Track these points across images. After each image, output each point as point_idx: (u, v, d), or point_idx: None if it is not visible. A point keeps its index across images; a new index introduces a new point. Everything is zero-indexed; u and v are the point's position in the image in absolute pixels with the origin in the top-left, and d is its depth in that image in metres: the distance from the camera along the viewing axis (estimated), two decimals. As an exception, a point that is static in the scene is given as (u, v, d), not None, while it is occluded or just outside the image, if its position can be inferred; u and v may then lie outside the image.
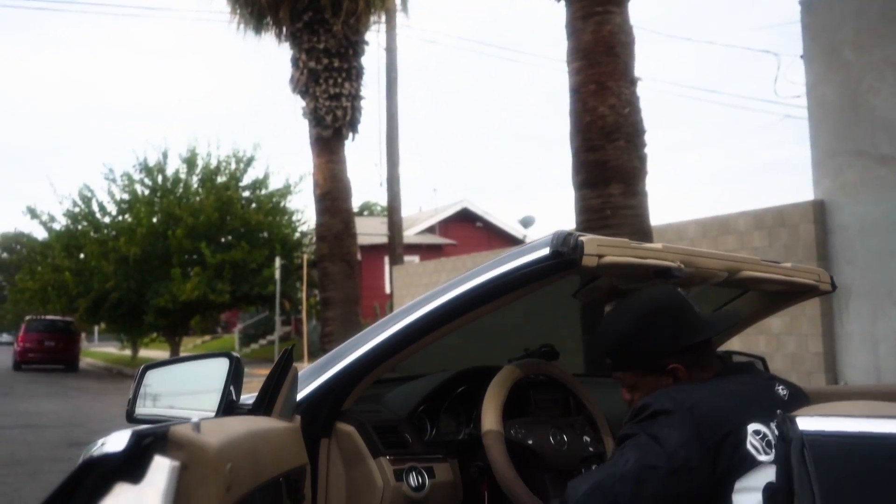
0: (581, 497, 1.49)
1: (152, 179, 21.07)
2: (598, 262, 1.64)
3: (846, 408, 1.31)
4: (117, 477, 0.97)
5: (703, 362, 1.68)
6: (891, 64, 7.90)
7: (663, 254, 1.82)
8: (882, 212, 7.96)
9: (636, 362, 1.71)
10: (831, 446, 1.11)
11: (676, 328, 1.68)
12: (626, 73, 7.10)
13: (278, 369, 1.67)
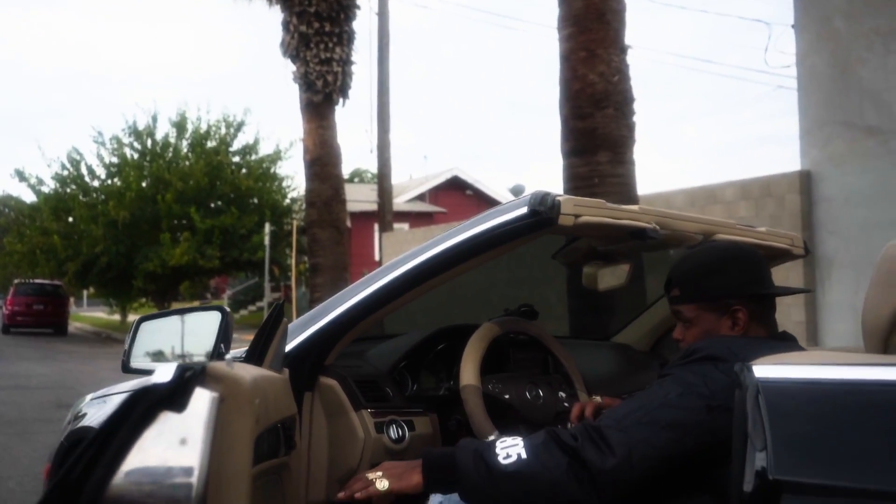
0: (622, 416, 1.54)
1: (142, 143, 20.98)
2: (575, 221, 1.69)
3: (800, 357, 1.36)
4: (163, 406, 1.05)
5: (764, 318, 1.73)
6: (880, 34, 7.92)
7: (639, 215, 1.87)
8: (867, 183, 8.03)
9: (705, 295, 1.74)
10: (784, 391, 1.16)
11: (753, 275, 1.74)
12: (616, 40, 7.08)
13: (269, 322, 1.72)
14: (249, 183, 20.35)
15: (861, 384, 1.14)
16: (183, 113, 21.04)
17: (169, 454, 1.04)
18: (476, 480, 1.56)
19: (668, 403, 1.52)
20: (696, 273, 1.76)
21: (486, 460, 1.56)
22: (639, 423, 1.51)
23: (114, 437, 1.01)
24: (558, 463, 1.51)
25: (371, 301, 1.91)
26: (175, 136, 21.05)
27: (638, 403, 1.57)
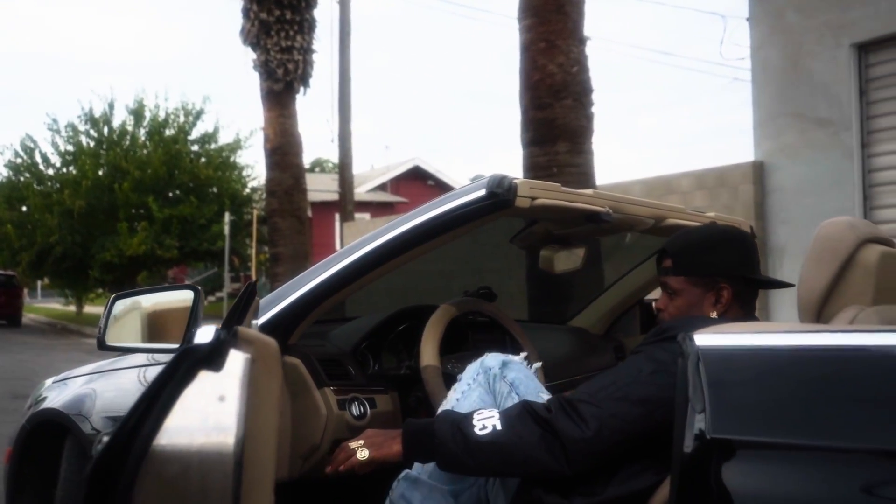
0: (595, 390, 1.61)
1: (98, 131, 20.60)
2: (531, 203, 1.75)
3: (737, 327, 1.45)
4: (203, 366, 1.14)
5: (744, 301, 1.81)
6: (831, 28, 8.13)
7: (593, 199, 1.94)
8: (817, 173, 8.25)
9: (696, 268, 1.82)
10: (721, 358, 1.25)
11: (744, 259, 1.82)
12: (575, 31, 7.19)
13: (243, 299, 1.76)
14: (209, 172, 20.11)
15: (791, 350, 1.23)
16: (140, 100, 20.71)
17: (209, 410, 1.13)
18: (454, 450, 1.62)
19: (639, 380, 1.59)
20: (692, 247, 1.84)
21: (463, 431, 1.62)
22: (611, 398, 1.57)
23: (160, 395, 1.10)
24: (532, 433, 1.57)
25: (334, 282, 1.96)
26: (132, 124, 20.71)
27: (611, 379, 1.63)
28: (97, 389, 2.38)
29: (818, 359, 1.19)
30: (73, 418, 2.33)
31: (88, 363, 2.86)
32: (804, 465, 1.12)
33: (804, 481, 1.11)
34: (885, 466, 1.06)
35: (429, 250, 1.92)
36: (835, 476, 1.08)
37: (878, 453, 1.07)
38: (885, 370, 1.13)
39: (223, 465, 1.10)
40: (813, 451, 1.11)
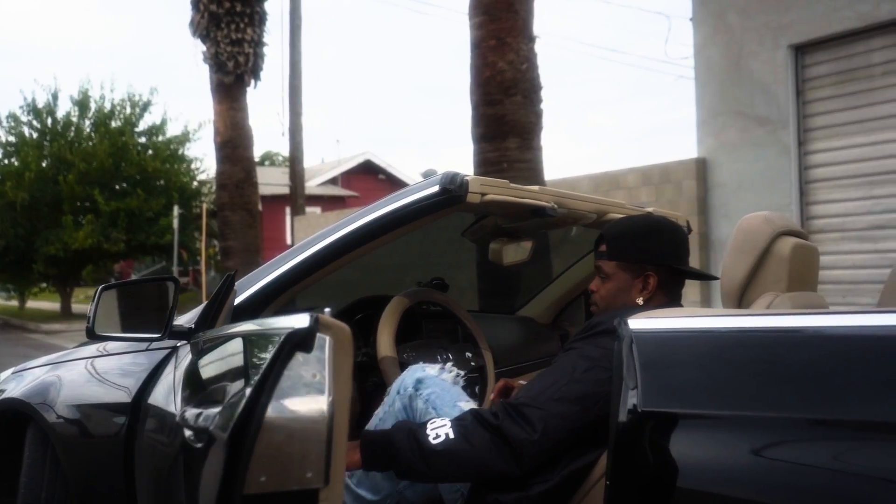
0: (537, 393, 1.71)
1: (41, 122, 20.15)
2: (481, 199, 1.87)
3: (666, 312, 1.58)
4: (299, 348, 1.30)
5: (669, 289, 1.94)
6: (770, 29, 8.43)
7: (539, 195, 2.07)
8: (757, 170, 8.55)
9: (628, 254, 1.94)
10: (652, 339, 1.38)
11: (673, 249, 1.94)
12: (524, 29, 7.32)
13: (221, 291, 1.86)
14: (156, 165, 19.83)
15: (715, 331, 1.37)
16: (86, 91, 20.31)
17: (305, 385, 1.32)
18: (410, 459, 1.72)
19: (575, 379, 1.71)
20: (626, 234, 1.96)
21: (418, 440, 1.72)
22: (552, 399, 1.69)
23: (270, 374, 1.29)
24: (482, 439, 1.68)
25: (293, 274, 2.05)
26: (77, 115, 20.31)
27: (550, 380, 1.74)
28: (60, 379, 2.43)
29: (738, 339, 1.33)
30: (35, 407, 2.38)
31: (35, 357, 2.89)
32: (726, 432, 1.26)
33: (726, 447, 1.25)
34: (794, 432, 1.20)
35: (385, 243, 2.02)
36: (752, 441, 1.23)
37: (788, 421, 1.21)
38: (795, 347, 1.27)
39: (318, 433, 1.29)
40: (734, 421, 1.25)
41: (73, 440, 2.30)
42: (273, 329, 1.40)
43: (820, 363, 1.22)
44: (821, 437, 1.18)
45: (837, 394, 1.18)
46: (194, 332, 1.96)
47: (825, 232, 8.37)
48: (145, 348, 2.25)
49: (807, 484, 1.15)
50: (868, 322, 1.22)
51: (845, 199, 8.14)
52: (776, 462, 1.19)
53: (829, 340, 1.25)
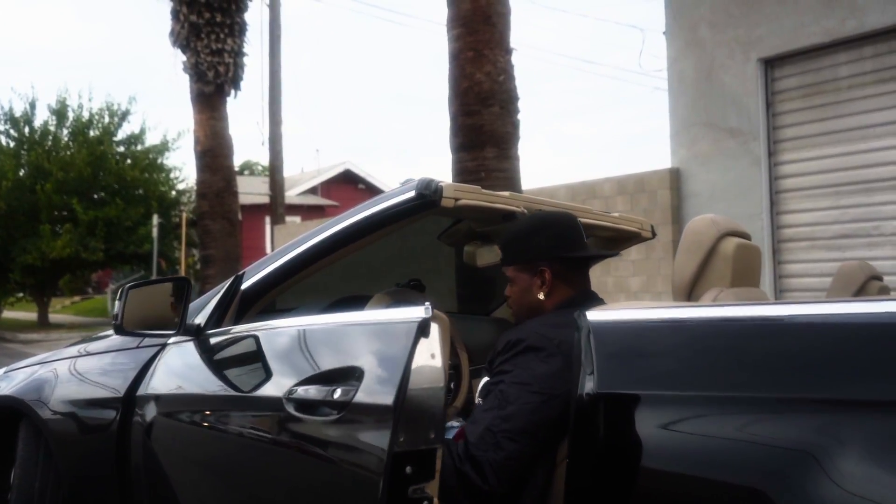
0: (477, 440, 1.78)
1: (18, 131, 20.08)
2: (455, 203, 1.99)
3: (627, 305, 1.71)
4: (421, 334, 1.58)
5: (568, 278, 2.03)
6: (740, 43, 8.64)
7: (510, 200, 2.20)
8: (728, 180, 8.75)
9: (518, 256, 2.06)
10: (609, 330, 1.51)
11: (557, 239, 2.03)
12: (501, 42, 7.48)
13: (230, 292, 2.00)
14: (135, 174, 19.82)
15: (665, 321, 1.50)
16: (63, 100, 20.27)
17: (427, 363, 1.61)
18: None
19: (512, 416, 1.78)
20: (513, 239, 2.08)
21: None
22: (497, 446, 1.76)
23: (411, 356, 1.57)
24: (451, 475, 1.76)
25: (279, 274, 2.16)
26: (55, 124, 20.26)
27: (490, 418, 1.80)
28: (52, 377, 2.53)
29: (687, 328, 1.46)
30: (29, 403, 2.48)
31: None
32: (675, 410, 1.39)
33: (676, 423, 1.38)
34: (734, 409, 1.33)
35: (366, 245, 2.14)
36: (697, 418, 1.36)
37: (727, 399, 1.34)
38: (737, 335, 1.41)
39: (438, 399, 1.60)
40: (682, 400, 1.38)
41: (65, 434, 2.40)
42: (397, 320, 1.66)
43: (753, 347, 1.36)
44: (755, 412, 1.31)
45: (772, 374, 1.32)
46: (203, 329, 2.09)
47: (795, 241, 8.58)
48: (135, 346, 2.36)
49: (735, 454, 1.29)
50: (797, 311, 1.37)
51: (814, 208, 8.35)
52: (713, 438, 1.33)
53: (763, 328, 1.39)
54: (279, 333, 1.95)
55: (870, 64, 7.85)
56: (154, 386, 2.20)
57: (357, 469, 1.58)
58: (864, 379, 1.23)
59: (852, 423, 1.18)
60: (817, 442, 1.19)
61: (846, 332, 1.30)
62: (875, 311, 1.33)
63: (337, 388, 1.61)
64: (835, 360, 1.27)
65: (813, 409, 1.23)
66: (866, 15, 7.72)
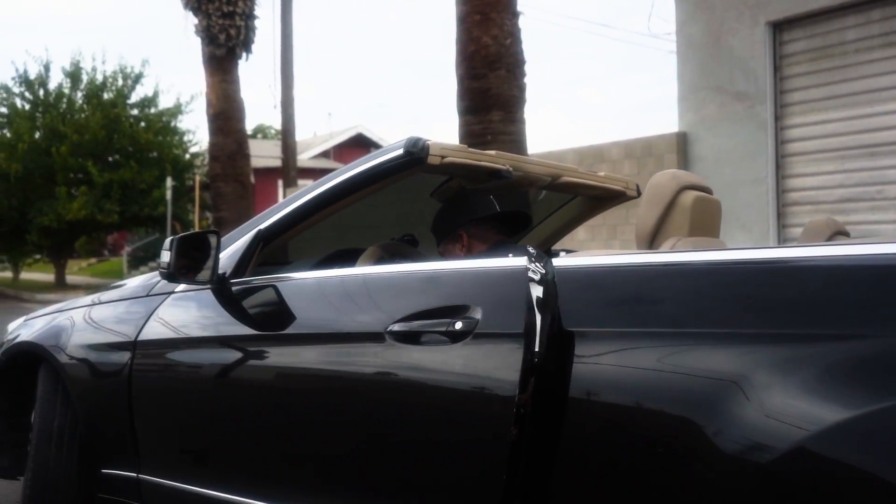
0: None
1: (33, 93, 20.23)
2: (441, 161, 2.12)
3: (590, 253, 1.84)
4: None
5: (481, 236, 2.44)
6: (748, 6, 8.63)
7: (496, 158, 2.32)
8: (735, 143, 8.80)
9: (442, 234, 2.48)
10: (574, 274, 1.65)
11: (466, 210, 2.45)
12: (508, 5, 7.52)
13: (252, 247, 2.16)
14: (149, 137, 19.94)
15: (624, 266, 1.63)
16: (77, 63, 20.37)
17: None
18: None
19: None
20: (435, 222, 2.56)
21: None
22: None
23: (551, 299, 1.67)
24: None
25: (277, 227, 2.30)
26: (69, 87, 20.38)
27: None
28: (69, 325, 2.70)
29: (645, 272, 1.60)
30: (48, 348, 2.66)
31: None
32: (631, 344, 1.52)
33: (632, 358, 1.52)
34: (674, 342, 1.47)
35: (359, 199, 2.27)
36: (642, 350, 1.51)
37: (667, 334, 1.49)
38: (690, 279, 1.54)
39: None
40: (637, 336, 1.52)
41: (81, 376, 2.57)
42: (515, 267, 1.72)
43: (689, 287, 1.51)
44: (692, 345, 1.45)
45: (704, 311, 1.47)
46: (228, 278, 2.26)
47: (800, 204, 8.65)
48: (145, 295, 2.52)
49: (672, 383, 1.43)
50: (726, 257, 1.55)
51: (819, 172, 8.40)
52: (654, 370, 1.48)
53: (698, 270, 1.55)
54: (321, 282, 2.16)
55: (877, 27, 7.84)
56: (158, 332, 2.38)
57: (485, 387, 1.66)
58: (781, 315, 1.37)
59: (771, 354, 1.31)
60: (743, 372, 1.33)
61: (767, 275, 1.45)
62: (784, 255, 1.49)
63: (456, 320, 1.71)
64: (758, 298, 1.41)
65: (739, 342, 1.37)
66: (875, -22, 7.71)
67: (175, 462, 2.35)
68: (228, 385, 2.21)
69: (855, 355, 1.25)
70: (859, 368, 1.24)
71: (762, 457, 1.26)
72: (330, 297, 2.10)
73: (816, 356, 1.28)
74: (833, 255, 1.41)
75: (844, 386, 1.24)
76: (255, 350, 2.19)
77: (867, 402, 1.19)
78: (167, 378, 2.40)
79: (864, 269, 1.35)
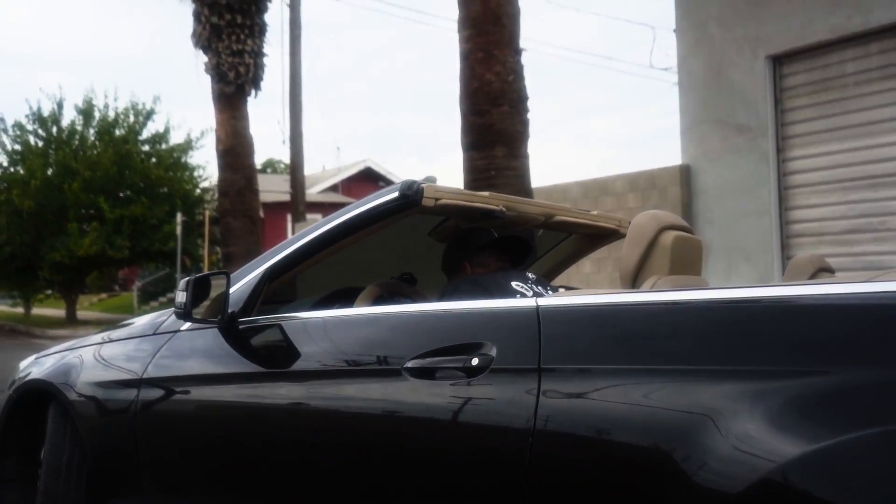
0: None
1: (46, 130, 20.53)
2: (435, 202, 2.20)
3: (573, 293, 1.91)
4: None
5: (482, 262, 2.59)
6: (749, 40, 8.76)
7: (489, 199, 2.40)
8: (737, 176, 8.87)
9: (450, 269, 2.62)
10: (553, 313, 1.72)
11: (464, 242, 2.59)
12: (511, 42, 7.66)
13: (260, 285, 2.22)
14: (160, 172, 20.18)
15: (611, 304, 1.71)
16: (90, 100, 20.68)
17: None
18: None
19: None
20: (442, 260, 2.72)
21: None
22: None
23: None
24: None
25: (281, 266, 2.38)
26: (81, 124, 20.68)
27: None
28: (79, 363, 2.78)
29: (627, 310, 1.67)
30: (58, 386, 2.73)
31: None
32: (603, 381, 1.59)
33: (604, 393, 1.58)
34: (647, 378, 1.53)
35: (358, 240, 2.35)
36: (624, 388, 1.57)
37: (641, 371, 1.56)
38: (668, 317, 1.60)
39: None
40: (609, 373, 1.59)
41: (90, 414, 2.64)
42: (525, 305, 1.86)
43: (662, 325, 1.59)
44: (663, 381, 1.51)
45: (677, 348, 1.54)
46: (236, 317, 2.32)
47: (804, 236, 8.68)
48: (153, 333, 2.59)
49: (645, 417, 1.49)
50: (700, 296, 1.62)
51: (822, 203, 8.44)
52: (627, 404, 1.54)
53: (669, 309, 1.62)
54: (333, 320, 2.24)
55: (876, 60, 7.94)
56: (164, 369, 2.45)
57: (501, 420, 1.69)
58: (751, 352, 1.43)
59: (740, 389, 1.38)
60: (713, 406, 1.39)
61: (738, 313, 1.52)
62: (755, 295, 1.55)
63: (472, 357, 1.76)
64: (729, 335, 1.48)
65: (710, 379, 1.43)
66: (872, 11, 7.81)
67: (181, 496, 2.41)
68: (235, 421, 2.26)
69: (818, 390, 1.31)
70: (822, 403, 1.30)
71: (731, 487, 1.32)
72: (343, 335, 2.16)
73: (782, 390, 1.34)
74: (795, 294, 1.48)
75: (808, 419, 1.30)
76: (264, 387, 2.23)
77: (828, 435, 1.25)
78: (172, 414, 2.46)
79: (825, 308, 1.43)
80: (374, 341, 2.06)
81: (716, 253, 9.13)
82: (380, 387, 1.94)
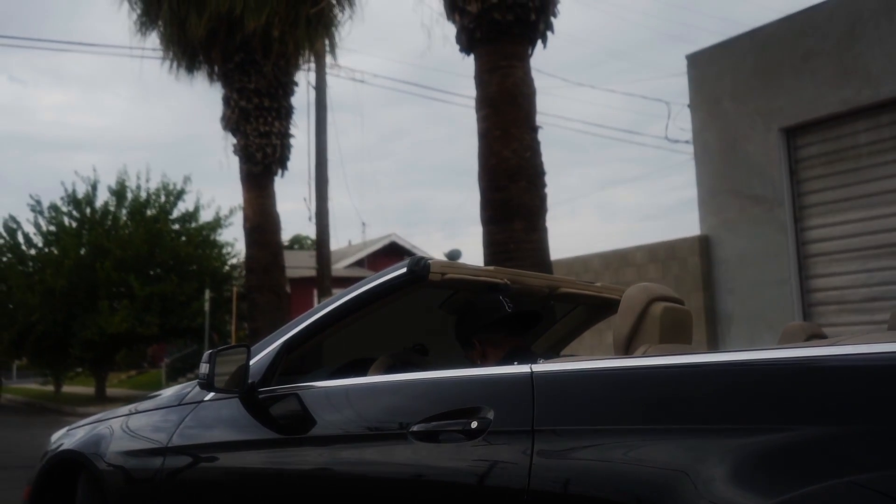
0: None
1: (80, 211, 21.07)
2: (442, 277, 2.33)
3: (568, 359, 2.01)
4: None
5: (494, 343, 2.55)
6: (762, 114, 8.95)
7: (494, 273, 2.53)
8: (756, 246, 8.94)
9: (461, 342, 2.61)
10: (548, 378, 1.83)
11: (474, 319, 2.56)
12: (527, 120, 7.90)
13: (280, 355, 2.38)
14: (189, 250, 20.53)
15: (598, 369, 1.82)
16: (123, 181, 21.24)
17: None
18: None
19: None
20: (455, 331, 2.68)
21: None
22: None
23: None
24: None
25: (298, 338, 2.51)
26: (114, 204, 21.22)
27: None
28: (108, 434, 2.91)
29: (618, 375, 1.78)
30: (88, 456, 2.86)
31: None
32: (588, 441, 1.69)
33: (589, 452, 1.68)
34: (638, 440, 1.62)
35: (369, 313, 2.48)
36: (617, 448, 1.66)
37: (629, 431, 1.65)
38: (659, 379, 1.71)
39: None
40: (605, 433, 1.69)
41: (118, 482, 2.76)
42: (520, 372, 1.94)
43: (640, 388, 1.71)
44: (642, 439, 1.61)
45: (654, 408, 1.65)
46: (256, 387, 2.45)
47: (825, 304, 8.68)
48: (178, 404, 2.72)
49: (626, 472, 1.59)
50: (677, 361, 1.73)
51: (842, 272, 8.47)
52: (612, 462, 1.64)
53: (649, 374, 1.73)
54: (345, 390, 2.35)
55: (888, 131, 8.07)
56: (189, 437, 2.57)
57: (498, 480, 1.80)
58: (723, 411, 1.54)
59: (713, 446, 1.48)
60: (688, 461, 1.49)
61: (712, 376, 1.63)
62: (727, 359, 1.66)
63: (471, 420, 1.88)
64: (703, 396, 1.59)
65: (685, 436, 1.53)
66: (881, 84, 7.99)
67: None
68: (257, 486, 2.37)
69: (781, 445, 1.41)
70: (784, 457, 1.40)
71: None
72: (354, 403, 2.29)
73: (753, 445, 1.44)
74: (762, 358, 1.59)
75: (771, 473, 1.40)
76: (283, 452, 2.35)
77: (787, 488, 1.35)
78: (195, 480, 2.57)
79: (785, 369, 1.54)
80: (382, 407, 2.19)
81: (738, 322, 9.14)
82: (386, 450, 2.06)
